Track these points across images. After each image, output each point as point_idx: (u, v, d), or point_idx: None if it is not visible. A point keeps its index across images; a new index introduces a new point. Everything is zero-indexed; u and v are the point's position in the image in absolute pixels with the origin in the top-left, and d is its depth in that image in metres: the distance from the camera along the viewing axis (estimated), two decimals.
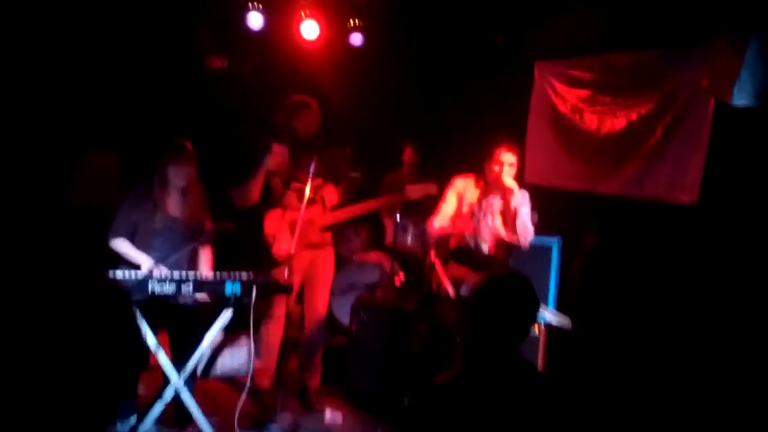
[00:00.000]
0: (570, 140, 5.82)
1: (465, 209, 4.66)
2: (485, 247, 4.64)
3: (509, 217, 4.56)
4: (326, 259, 4.99)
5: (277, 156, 4.76)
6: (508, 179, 4.49)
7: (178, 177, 4.26)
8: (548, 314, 4.46)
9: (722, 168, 4.57)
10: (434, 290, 4.61)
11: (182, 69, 6.58)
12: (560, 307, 4.84)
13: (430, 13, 6.21)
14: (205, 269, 4.40)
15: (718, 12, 4.23)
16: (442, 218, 4.69)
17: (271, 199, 4.81)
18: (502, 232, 4.60)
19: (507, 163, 4.50)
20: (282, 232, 4.74)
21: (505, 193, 4.51)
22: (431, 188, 4.93)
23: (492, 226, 4.62)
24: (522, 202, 4.57)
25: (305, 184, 4.68)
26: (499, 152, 4.51)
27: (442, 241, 4.74)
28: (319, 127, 5.00)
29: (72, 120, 5.97)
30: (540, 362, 4.49)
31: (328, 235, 5.00)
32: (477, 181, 4.69)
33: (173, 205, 4.31)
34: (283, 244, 4.70)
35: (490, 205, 4.61)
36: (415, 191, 4.97)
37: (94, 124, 6.19)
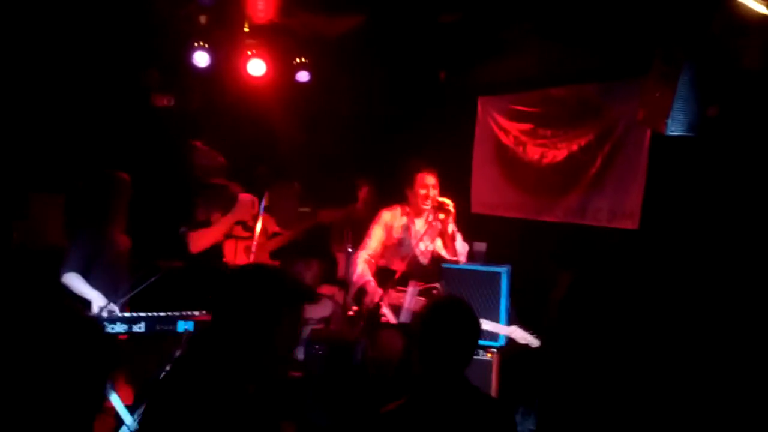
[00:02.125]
0: (514, 172, 5.99)
1: (395, 235, 4.79)
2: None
3: (448, 238, 4.66)
4: None
5: (245, 206, 4.84)
6: (442, 198, 4.62)
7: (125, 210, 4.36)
8: (515, 331, 4.52)
9: (661, 194, 4.76)
10: (376, 318, 4.67)
11: (128, 107, 6.55)
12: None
13: (376, 50, 6.33)
14: None
15: (653, 45, 4.44)
16: (368, 251, 4.79)
17: None
18: (443, 252, 4.71)
19: (431, 184, 4.64)
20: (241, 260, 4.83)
21: (446, 216, 4.61)
22: (340, 212, 5.25)
23: (426, 249, 4.72)
24: (447, 229, 4.72)
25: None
26: (422, 176, 4.66)
27: (383, 272, 4.82)
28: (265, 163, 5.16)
29: (18, 160, 5.88)
30: (494, 386, 4.56)
31: None
32: (403, 209, 4.80)
33: (123, 235, 4.39)
34: None
35: (424, 230, 4.69)
36: (327, 215, 5.30)
37: (41, 164, 6.11)
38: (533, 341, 4.43)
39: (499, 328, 4.53)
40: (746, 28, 4.01)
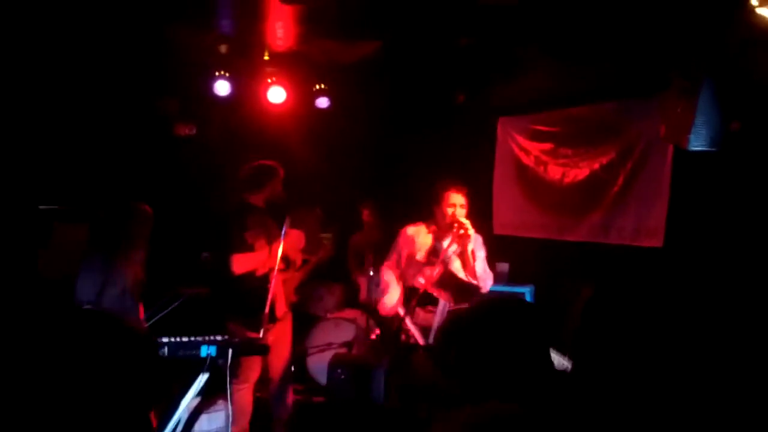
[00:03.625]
0: (535, 191, 5.96)
1: (419, 256, 4.65)
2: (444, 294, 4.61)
3: (467, 260, 4.58)
4: (288, 327, 5.03)
5: (294, 239, 4.81)
6: (463, 219, 4.52)
7: (144, 240, 4.36)
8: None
9: (686, 210, 4.71)
10: (404, 341, 4.58)
11: (151, 137, 6.64)
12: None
13: (394, 74, 6.37)
14: None
15: (672, 61, 4.42)
16: (391, 262, 4.72)
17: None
18: (462, 275, 4.61)
19: (458, 204, 4.55)
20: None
21: (462, 238, 4.51)
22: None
23: (458, 272, 4.64)
24: (477, 246, 4.61)
25: (277, 243, 4.71)
26: (449, 194, 4.57)
27: (407, 290, 4.71)
28: (285, 189, 5.05)
29: (43, 189, 5.97)
30: None
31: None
32: (428, 227, 4.72)
33: (137, 267, 4.38)
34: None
35: (446, 250, 4.60)
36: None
37: (65, 193, 6.20)
38: (567, 364, 4.35)
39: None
40: (763, 41, 3.99)
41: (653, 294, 2.27)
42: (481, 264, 4.59)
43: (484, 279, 4.57)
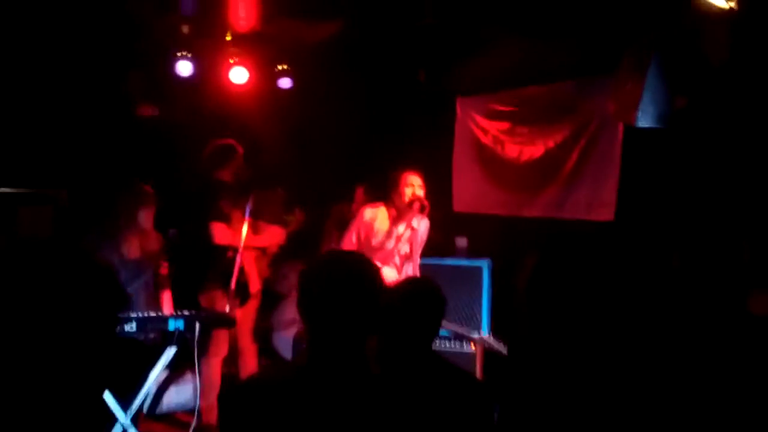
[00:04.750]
0: (493, 169, 6.13)
1: (377, 239, 4.70)
2: (394, 274, 4.72)
3: (414, 245, 4.71)
4: (257, 303, 5.18)
5: (273, 234, 5.15)
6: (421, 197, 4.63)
7: (146, 220, 4.44)
8: (487, 340, 4.57)
9: (636, 185, 4.91)
10: None
11: (113, 117, 6.64)
12: (495, 328, 5.05)
13: (356, 54, 6.45)
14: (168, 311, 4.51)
15: (626, 41, 4.59)
16: (350, 246, 4.81)
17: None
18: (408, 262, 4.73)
19: (416, 184, 4.66)
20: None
21: (423, 213, 4.63)
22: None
23: (402, 254, 4.74)
24: (424, 235, 4.75)
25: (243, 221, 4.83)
26: (406, 176, 4.67)
27: None
28: (249, 169, 5.17)
29: (2, 170, 5.95)
30: (478, 377, 4.65)
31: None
32: (388, 210, 4.77)
33: (134, 246, 4.45)
34: None
35: (400, 234, 4.69)
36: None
37: (26, 175, 6.18)
38: (501, 348, 4.45)
39: (474, 339, 4.53)
40: (711, 22, 4.17)
41: (598, 263, 2.35)
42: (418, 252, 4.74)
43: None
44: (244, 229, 4.91)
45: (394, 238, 4.66)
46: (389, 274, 4.57)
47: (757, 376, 2.91)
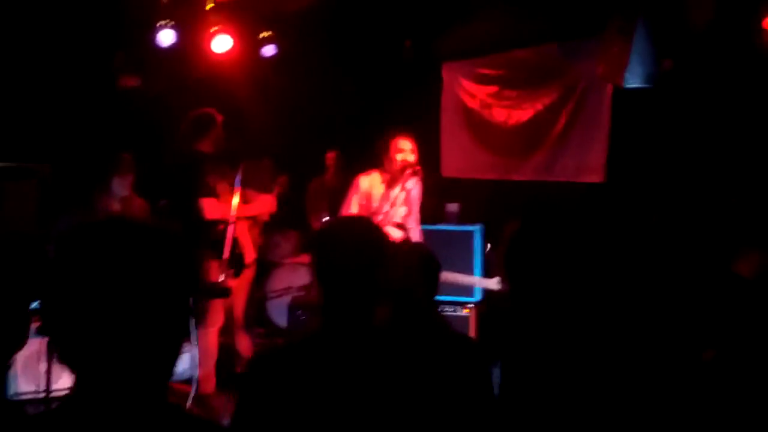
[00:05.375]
0: (481, 134, 6.15)
1: (374, 203, 4.73)
2: (398, 233, 4.75)
3: (410, 207, 4.73)
4: (252, 272, 5.18)
5: (264, 202, 5.05)
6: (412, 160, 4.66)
7: (121, 187, 4.39)
8: (477, 281, 4.63)
9: (626, 147, 4.96)
10: None
11: (96, 90, 6.56)
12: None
13: (341, 21, 6.40)
14: None
15: (612, 4, 4.60)
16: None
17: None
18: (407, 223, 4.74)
19: (407, 149, 4.68)
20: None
21: (415, 177, 4.67)
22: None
23: (397, 217, 4.78)
24: (417, 193, 4.78)
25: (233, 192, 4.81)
26: (397, 141, 4.67)
27: None
28: (237, 138, 5.13)
29: None
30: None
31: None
32: (382, 175, 4.79)
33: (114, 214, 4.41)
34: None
35: (395, 197, 4.75)
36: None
37: (7, 148, 6.10)
38: (493, 284, 4.55)
39: (480, 282, 4.65)
40: None
41: (575, 230, 2.37)
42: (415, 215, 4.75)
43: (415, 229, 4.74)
44: (235, 199, 4.89)
45: (390, 201, 4.70)
46: (394, 233, 4.61)
47: (741, 341, 2.95)
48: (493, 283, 4.59)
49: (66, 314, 1.21)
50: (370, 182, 4.80)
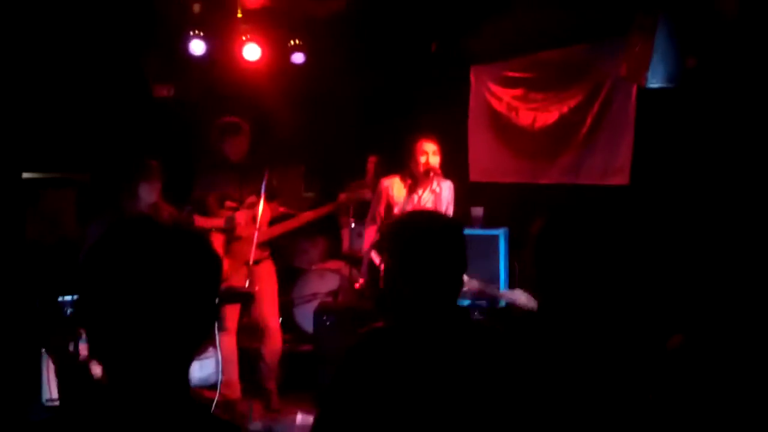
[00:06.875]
0: (508, 137, 6.09)
1: (396, 209, 4.81)
2: None
3: (440, 209, 4.73)
4: (267, 272, 5.14)
5: (264, 212, 4.92)
6: (436, 164, 4.68)
7: (149, 194, 4.46)
8: (519, 295, 4.59)
9: (651, 148, 4.85)
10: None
11: (131, 100, 6.71)
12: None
13: (368, 26, 6.43)
14: None
15: (638, 2, 4.51)
16: (374, 222, 4.91)
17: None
18: None
19: (431, 151, 4.71)
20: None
21: (438, 189, 4.69)
22: (365, 193, 5.21)
23: None
24: (449, 197, 4.78)
25: (243, 201, 4.91)
26: (421, 143, 4.73)
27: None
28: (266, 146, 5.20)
29: (25, 155, 6.04)
30: None
31: (266, 251, 5.17)
32: (403, 180, 4.86)
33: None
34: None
35: (420, 200, 4.77)
36: (347, 197, 5.30)
37: (46, 159, 6.28)
38: (530, 303, 4.51)
39: (500, 294, 4.61)
40: None
41: (600, 231, 2.31)
42: (451, 211, 4.78)
43: None
44: (260, 206, 4.95)
45: (414, 204, 4.73)
46: None
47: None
48: (518, 296, 4.51)
49: (95, 311, 1.31)
50: (392, 186, 4.89)
